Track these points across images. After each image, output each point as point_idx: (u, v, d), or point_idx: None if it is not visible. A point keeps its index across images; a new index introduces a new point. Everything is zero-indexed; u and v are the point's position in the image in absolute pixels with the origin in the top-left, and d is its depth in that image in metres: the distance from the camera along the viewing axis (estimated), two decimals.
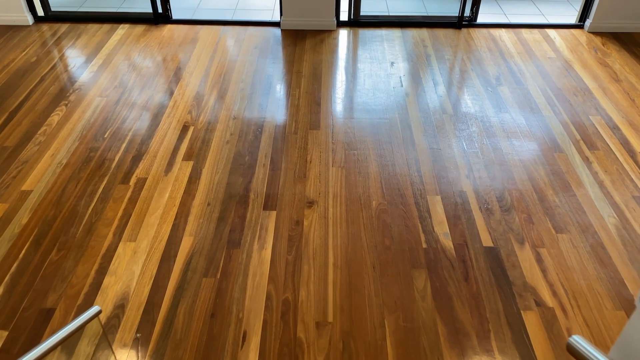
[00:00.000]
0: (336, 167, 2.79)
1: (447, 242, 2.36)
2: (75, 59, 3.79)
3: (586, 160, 2.87)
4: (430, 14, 4.65)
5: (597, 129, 3.12)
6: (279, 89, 3.46)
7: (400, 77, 3.61)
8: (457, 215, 2.50)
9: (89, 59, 3.78)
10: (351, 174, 2.74)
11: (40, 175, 2.71)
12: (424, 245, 2.34)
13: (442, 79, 3.60)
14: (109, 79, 3.55)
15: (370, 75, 3.64)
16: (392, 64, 3.78)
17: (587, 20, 4.27)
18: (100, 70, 3.65)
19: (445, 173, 2.76)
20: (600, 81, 3.59)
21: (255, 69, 3.70)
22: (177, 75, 3.60)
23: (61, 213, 2.49)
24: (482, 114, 3.24)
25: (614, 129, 3.12)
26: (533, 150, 2.94)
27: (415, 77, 3.62)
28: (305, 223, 2.45)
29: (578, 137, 3.04)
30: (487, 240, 2.37)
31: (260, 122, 3.14)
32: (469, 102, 3.34)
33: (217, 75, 3.61)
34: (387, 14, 4.66)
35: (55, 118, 3.15)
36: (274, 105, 3.29)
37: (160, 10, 4.30)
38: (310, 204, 2.56)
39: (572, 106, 3.32)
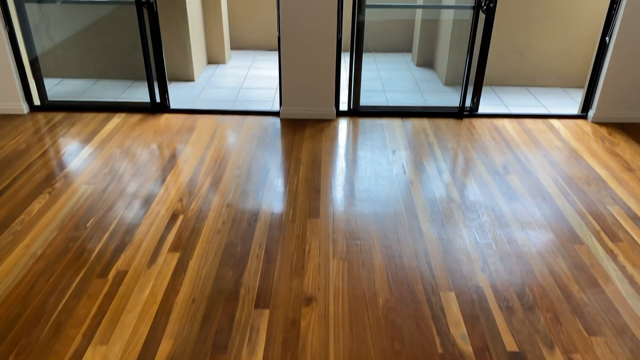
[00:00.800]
0: (337, 259, 2.53)
1: (466, 346, 2.05)
2: (66, 146, 3.66)
3: (610, 252, 2.62)
4: (430, 105, 4.62)
5: (616, 219, 2.90)
6: (277, 176, 3.29)
7: (402, 165, 3.46)
8: (475, 314, 2.21)
9: (80, 147, 3.65)
10: (354, 267, 2.48)
11: (10, 268, 2.45)
12: (440, 350, 2.03)
13: (447, 166, 3.45)
14: (99, 166, 3.40)
15: (371, 162, 3.49)
16: (393, 151, 3.65)
17: (590, 111, 4.22)
18: (91, 157, 3.51)
19: (458, 266, 2.50)
20: (612, 170, 3.43)
21: (252, 156, 3.56)
22: (170, 163, 3.45)
23: (27, 311, 2.20)
24: (492, 202, 3.04)
25: (635, 219, 2.90)
26: (551, 241, 2.70)
27: (419, 165, 3.47)
28: (303, 324, 2.15)
29: (598, 227, 2.82)
30: (511, 344, 2.06)
31: (255, 209, 2.93)
32: (477, 191, 3.16)
33: (213, 162, 3.46)
34: (386, 104, 4.63)
35: (36, 206, 2.94)
36: (270, 192, 3.11)
37: (158, 100, 4.26)
38: (309, 301, 2.27)
39: (587, 195, 3.13)
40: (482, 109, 4.36)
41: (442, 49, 5.27)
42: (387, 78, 5.35)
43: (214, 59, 5.66)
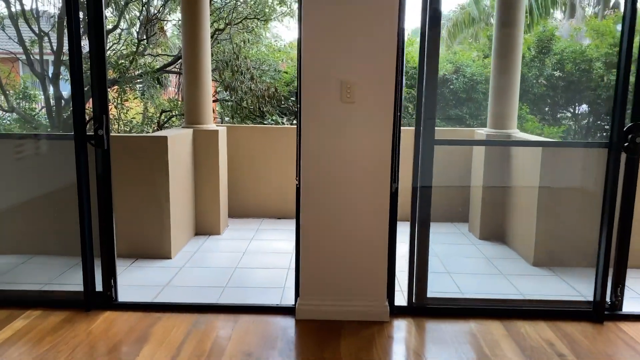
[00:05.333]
0: None
1: None
2: None
3: None
4: (530, 295, 2.96)
5: None
6: None
7: None
8: None
9: None
10: None
11: None
12: None
13: None
14: None
15: None
16: None
17: None
18: None
19: None
20: None
21: None
22: None
23: None
24: None
25: None
26: None
27: None
28: None
29: None
30: None
31: None
32: None
33: None
34: (459, 294, 2.98)
35: None
36: None
37: (99, 288, 2.64)
38: None
39: None
40: (627, 306, 2.66)
41: (520, 219, 3.79)
42: (445, 254, 3.78)
43: (204, 230, 4.17)
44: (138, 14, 6.62)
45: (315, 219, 2.44)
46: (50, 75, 5.90)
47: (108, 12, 6.94)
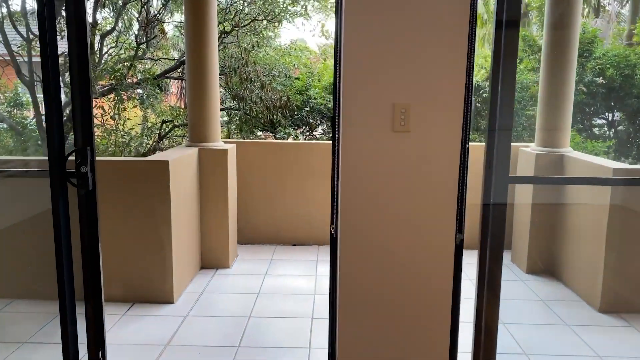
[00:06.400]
0: None
1: None
2: None
3: None
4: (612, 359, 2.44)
5: None
6: None
7: None
8: None
9: None
10: None
11: None
12: None
13: None
14: None
15: None
16: None
17: None
18: None
19: None
20: None
21: None
22: None
23: None
24: None
25: None
26: None
27: None
28: None
29: None
30: None
31: None
32: None
33: None
34: (523, 356, 2.45)
35: None
36: None
37: (83, 355, 2.11)
38: None
39: None
40: None
41: (580, 250, 3.27)
42: None
43: (211, 262, 3.65)
44: (137, 14, 6.10)
45: (357, 278, 1.92)
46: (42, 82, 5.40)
47: (105, 13, 6.43)
